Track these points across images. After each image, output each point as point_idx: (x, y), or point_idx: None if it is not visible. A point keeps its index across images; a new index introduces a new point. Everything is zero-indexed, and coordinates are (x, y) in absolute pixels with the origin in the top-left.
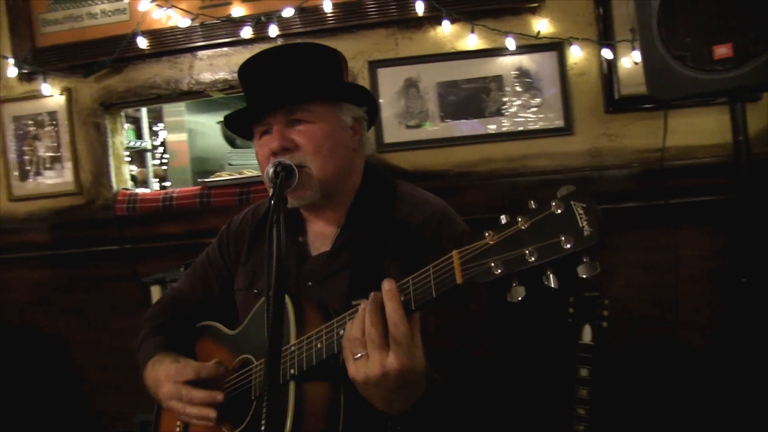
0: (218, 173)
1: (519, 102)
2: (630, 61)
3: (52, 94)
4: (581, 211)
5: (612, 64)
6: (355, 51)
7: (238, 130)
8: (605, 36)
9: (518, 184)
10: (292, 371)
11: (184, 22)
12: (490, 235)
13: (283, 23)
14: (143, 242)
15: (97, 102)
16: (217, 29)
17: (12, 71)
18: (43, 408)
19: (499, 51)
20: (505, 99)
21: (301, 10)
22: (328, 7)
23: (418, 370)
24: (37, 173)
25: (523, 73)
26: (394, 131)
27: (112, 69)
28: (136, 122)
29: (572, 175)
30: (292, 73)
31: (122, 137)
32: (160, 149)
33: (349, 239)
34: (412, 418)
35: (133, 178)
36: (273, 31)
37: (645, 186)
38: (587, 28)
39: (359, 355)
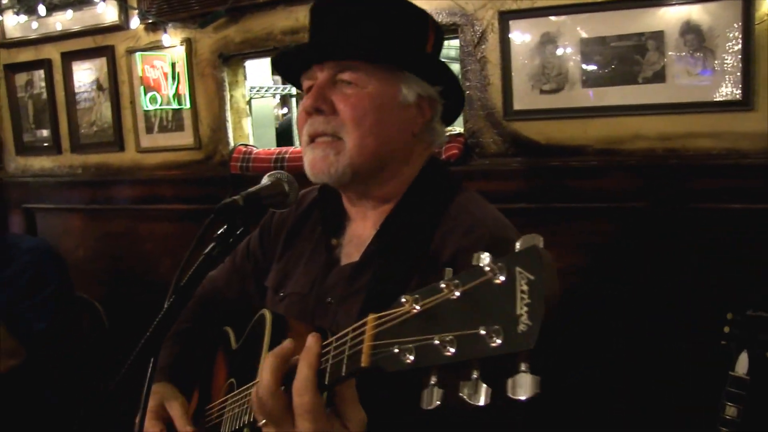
0: None
1: (683, 65)
2: None
3: (173, 45)
4: (525, 287)
5: None
6: None
7: (291, 78)
8: None
9: (674, 168)
10: (245, 418)
11: None
12: (412, 299)
13: None
14: None
15: (215, 53)
16: None
17: (135, 22)
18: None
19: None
20: (665, 61)
21: None
22: None
23: None
24: (161, 125)
25: (691, 29)
26: (525, 96)
27: (231, 18)
28: None
29: (745, 162)
30: (354, 23)
31: (244, 90)
32: None
33: (379, 251)
34: None
35: None
36: None
37: None
38: None
39: (263, 421)
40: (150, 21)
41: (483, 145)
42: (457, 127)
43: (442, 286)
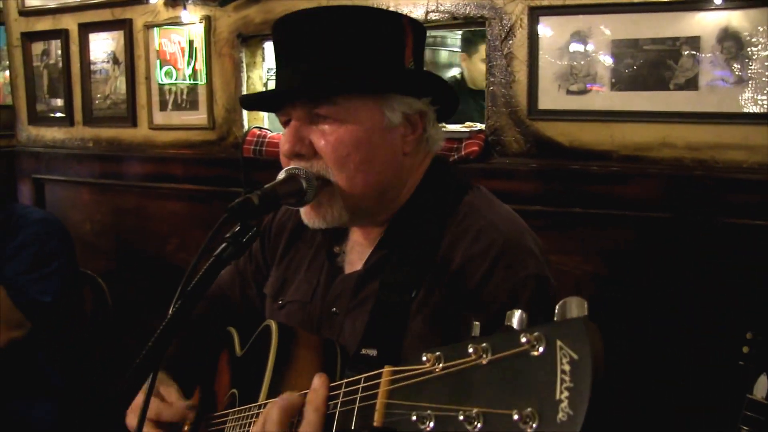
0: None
1: (718, 73)
2: None
3: (192, 22)
4: (566, 367)
5: None
6: None
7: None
8: None
9: (701, 180)
10: None
11: None
12: (434, 358)
13: None
14: None
15: (234, 33)
16: None
17: None
18: None
19: (701, 4)
20: (699, 68)
21: None
22: None
23: None
24: (175, 103)
25: (729, 36)
26: (551, 96)
27: None
28: None
29: None
30: (321, 50)
31: (261, 72)
32: None
33: (383, 260)
34: None
35: None
36: None
37: None
38: None
39: None
40: None
41: (504, 144)
42: (479, 124)
43: (470, 350)
